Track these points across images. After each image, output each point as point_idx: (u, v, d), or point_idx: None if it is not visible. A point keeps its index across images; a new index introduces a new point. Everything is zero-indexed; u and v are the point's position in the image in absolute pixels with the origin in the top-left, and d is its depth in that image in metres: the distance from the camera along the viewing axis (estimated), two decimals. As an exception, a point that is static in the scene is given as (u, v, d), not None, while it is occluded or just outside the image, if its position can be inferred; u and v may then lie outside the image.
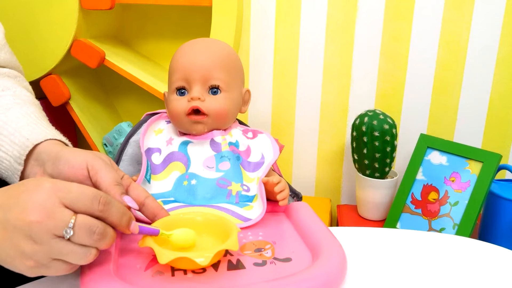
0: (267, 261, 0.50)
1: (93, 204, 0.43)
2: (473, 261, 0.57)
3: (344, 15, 1.28)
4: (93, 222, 0.43)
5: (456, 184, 1.12)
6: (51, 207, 0.41)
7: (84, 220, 0.42)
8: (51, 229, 0.41)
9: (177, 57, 0.67)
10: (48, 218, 0.41)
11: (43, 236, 0.41)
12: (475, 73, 1.26)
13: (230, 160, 0.64)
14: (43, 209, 0.41)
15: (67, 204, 0.42)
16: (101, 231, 0.43)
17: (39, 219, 0.41)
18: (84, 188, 0.44)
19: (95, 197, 0.43)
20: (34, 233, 0.41)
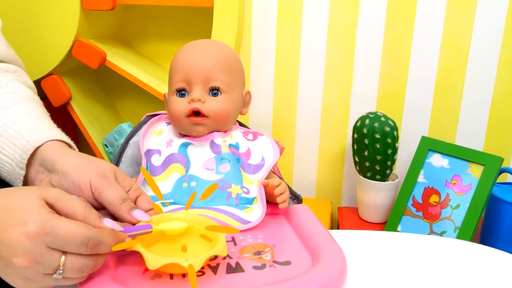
0: (266, 264, 0.50)
1: (81, 249, 0.42)
2: (474, 265, 0.57)
3: (346, 17, 1.27)
4: (82, 262, 0.43)
5: (457, 187, 1.11)
6: (37, 254, 0.41)
7: (73, 262, 0.42)
8: (41, 271, 0.42)
9: (178, 59, 0.66)
10: (37, 263, 0.41)
11: (35, 276, 0.42)
12: (477, 76, 1.25)
13: (230, 162, 0.64)
14: (30, 256, 0.41)
15: (55, 248, 0.42)
16: (92, 267, 0.44)
17: (28, 264, 0.41)
18: (72, 230, 0.42)
19: (83, 243, 0.42)
20: (26, 274, 0.42)
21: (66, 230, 0.42)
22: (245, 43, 1.33)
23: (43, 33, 1.16)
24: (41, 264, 0.41)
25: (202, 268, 0.48)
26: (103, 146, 1.31)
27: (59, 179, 0.51)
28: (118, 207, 0.49)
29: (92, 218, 0.45)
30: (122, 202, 0.50)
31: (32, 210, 0.42)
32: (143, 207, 0.52)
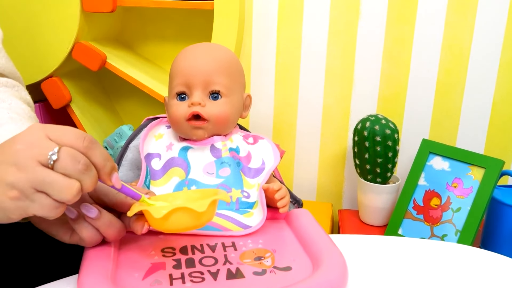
0: (267, 270, 0.49)
1: (77, 140, 0.43)
2: (475, 270, 0.57)
3: (346, 18, 1.27)
4: (77, 153, 0.43)
5: (458, 190, 1.11)
6: (36, 138, 0.42)
7: (68, 150, 0.42)
8: (35, 155, 0.41)
9: (178, 62, 0.66)
10: (33, 146, 0.42)
11: (27, 162, 0.41)
12: (477, 78, 1.25)
13: (230, 166, 0.64)
14: (28, 140, 0.42)
15: (52, 138, 0.43)
16: (86, 162, 0.43)
17: (24, 147, 0.41)
18: (71, 128, 0.44)
19: (81, 135, 0.43)
20: (19, 160, 0.41)
21: (65, 128, 0.44)
22: (246, 45, 1.33)
23: (44, 35, 1.16)
24: (37, 147, 0.41)
25: (201, 274, 0.48)
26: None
27: None
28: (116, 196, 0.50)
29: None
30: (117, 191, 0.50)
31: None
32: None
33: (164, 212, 0.45)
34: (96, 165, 0.44)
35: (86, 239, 0.49)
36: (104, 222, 0.48)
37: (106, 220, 0.49)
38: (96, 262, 0.47)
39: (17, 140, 0.42)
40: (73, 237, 0.50)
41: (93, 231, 0.48)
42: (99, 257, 0.48)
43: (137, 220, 0.50)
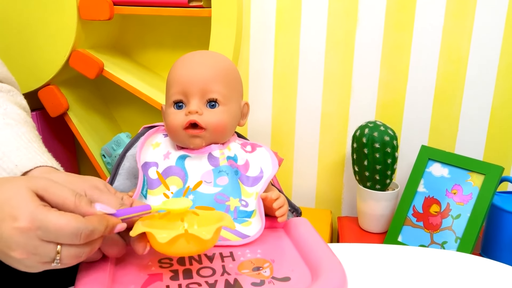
0: (265, 280, 0.49)
1: (74, 240, 0.43)
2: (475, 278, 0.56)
3: (345, 26, 1.27)
4: (78, 251, 0.44)
5: (458, 197, 1.10)
6: (32, 247, 0.42)
7: (69, 251, 0.43)
8: (39, 260, 0.43)
9: (175, 70, 0.66)
10: (33, 255, 0.42)
11: (34, 265, 0.43)
12: (476, 84, 1.25)
13: (228, 174, 0.63)
14: (25, 249, 0.42)
15: (48, 240, 0.42)
16: (88, 252, 0.45)
17: (25, 256, 0.42)
18: (62, 224, 0.42)
19: (76, 234, 0.43)
20: (25, 263, 0.43)
21: (56, 223, 0.42)
22: (244, 52, 1.33)
23: (40, 43, 1.15)
24: (38, 255, 0.42)
25: (199, 285, 0.47)
26: (101, 157, 1.30)
27: None
28: None
29: (83, 205, 0.45)
30: (120, 206, 0.50)
31: (21, 204, 0.42)
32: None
33: (169, 238, 0.45)
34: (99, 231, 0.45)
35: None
36: (107, 241, 0.48)
37: (109, 238, 0.48)
38: (92, 274, 0.47)
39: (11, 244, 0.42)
40: None
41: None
42: (95, 269, 0.48)
43: (139, 240, 0.49)
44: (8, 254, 0.42)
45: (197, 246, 0.47)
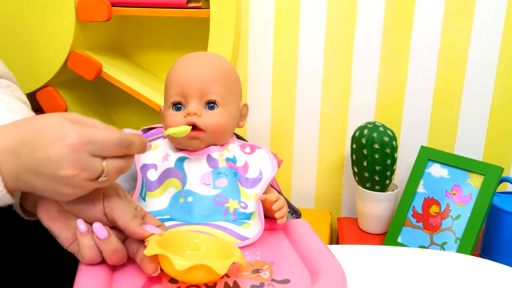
0: (265, 283, 0.49)
1: (117, 150, 0.47)
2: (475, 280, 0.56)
3: (343, 27, 1.27)
4: (120, 163, 0.48)
5: (457, 197, 1.10)
6: (83, 162, 0.44)
7: (113, 165, 0.47)
8: (87, 177, 0.45)
9: (173, 72, 0.66)
10: (83, 170, 0.45)
11: (80, 183, 0.45)
12: (475, 85, 1.25)
13: (227, 176, 0.63)
14: (76, 165, 0.44)
15: (96, 154, 0.45)
16: (127, 168, 0.49)
17: (75, 173, 0.44)
18: (108, 135, 0.46)
19: (119, 144, 0.47)
20: (73, 182, 0.45)
21: (101, 135, 0.46)
22: (242, 53, 1.33)
23: (38, 44, 1.15)
24: (87, 170, 0.45)
25: (198, 288, 0.47)
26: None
27: None
28: (130, 221, 0.49)
29: (114, 129, 0.48)
30: (134, 217, 0.50)
31: (64, 126, 0.45)
32: (151, 223, 0.52)
33: (186, 266, 0.44)
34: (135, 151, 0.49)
35: (86, 257, 0.48)
36: (110, 247, 0.48)
37: (113, 245, 0.48)
38: (91, 276, 0.46)
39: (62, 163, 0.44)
40: (73, 247, 0.49)
41: (96, 252, 0.48)
42: (93, 272, 0.47)
43: (150, 260, 0.48)
44: (57, 174, 0.44)
45: (208, 277, 0.47)
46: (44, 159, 0.44)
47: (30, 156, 0.44)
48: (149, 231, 0.49)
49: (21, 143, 0.45)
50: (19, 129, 0.46)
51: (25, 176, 0.45)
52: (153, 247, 0.46)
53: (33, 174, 0.44)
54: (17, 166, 0.44)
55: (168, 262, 0.45)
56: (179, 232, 0.53)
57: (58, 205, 0.49)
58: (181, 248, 0.51)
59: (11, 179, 0.45)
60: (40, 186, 0.45)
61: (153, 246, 0.46)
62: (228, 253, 0.49)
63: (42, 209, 0.49)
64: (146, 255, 0.46)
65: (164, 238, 0.50)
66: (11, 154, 0.44)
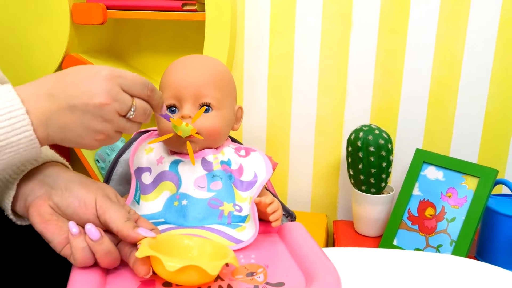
0: (259, 286, 0.48)
1: (143, 90, 0.51)
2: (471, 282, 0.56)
3: (339, 30, 1.27)
4: (146, 105, 0.52)
5: (452, 200, 1.10)
6: (115, 92, 0.48)
7: (141, 104, 0.51)
8: (117, 109, 0.49)
9: (168, 75, 0.65)
10: (114, 101, 0.48)
11: (111, 115, 0.49)
12: (470, 88, 1.25)
13: (222, 179, 0.63)
14: (108, 94, 0.48)
15: (125, 89, 0.49)
16: (150, 112, 0.53)
17: (107, 101, 0.48)
18: (135, 75, 0.51)
19: (145, 84, 0.52)
20: (104, 113, 0.48)
21: (131, 75, 0.51)
22: (238, 56, 1.33)
23: (33, 48, 1.15)
24: (118, 102, 0.48)
25: (193, 292, 0.47)
26: (95, 162, 1.30)
27: (62, 194, 0.51)
28: (123, 224, 0.49)
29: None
30: (127, 220, 0.50)
31: (96, 66, 0.50)
32: (144, 226, 0.52)
33: (177, 267, 0.44)
34: (153, 105, 0.54)
35: (78, 259, 0.47)
36: (103, 249, 0.48)
37: (106, 247, 0.48)
38: (84, 280, 0.46)
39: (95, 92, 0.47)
40: (65, 251, 0.49)
41: (88, 254, 0.47)
42: (87, 275, 0.47)
43: (142, 263, 0.48)
44: (91, 103, 0.47)
45: (201, 279, 0.46)
46: (78, 92, 0.47)
47: (64, 92, 0.47)
48: (142, 234, 0.49)
49: (55, 83, 0.48)
50: (51, 76, 0.49)
51: (58, 116, 0.47)
52: (145, 249, 0.46)
53: (67, 110, 0.47)
54: (50, 107, 0.47)
55: (160, 264, 0.45)
56: (172, 236, 0.53)
57: (49, 208, 0.49)
58: (174, 251, 0.50)
59: (42, 123, 0.47)
60: (71, 125, 0.48)
61: (145, 248, 0.46)
62: (221, 255, 0.49)
63: (34, 212, 0.49)
64: (137, 257, 0.46)
65: (157, 241, 0.50)
66: (46, 96, 0.47)
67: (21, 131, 0.46)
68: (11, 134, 0.45)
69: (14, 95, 0.46)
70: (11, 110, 0.45)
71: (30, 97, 0.47)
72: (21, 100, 0.46)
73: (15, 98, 0.46)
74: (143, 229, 0.50)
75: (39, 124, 0.47)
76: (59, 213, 0.50)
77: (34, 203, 0.49)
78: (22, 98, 0.46)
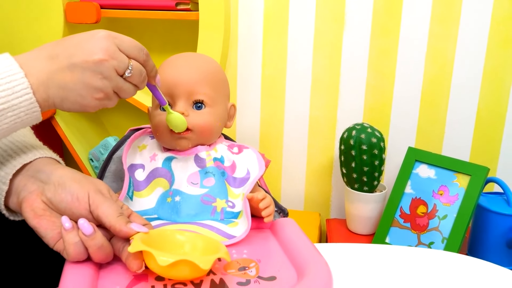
0: (251, 280, 0.49)
1: (139, 53, 0.53)
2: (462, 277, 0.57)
3: (332, 30, 1.28)
4: (142, 67, 0.53)
5: (444, 198, 1.11)
6: (112, 50, 0.50)
7: (137, 64, 0.53)
8: (115, 67, 0.50)
9: (161, 72, 0.66)
10: (112, 58, 0.50)
11: (110, 72, 0.50)
12: (462, 87, 1.26)
13: (215, 176, 0.63)
14: (107, 51, 0.49)
15: (122, 50, 0.51)
16: (145, 75, 0.54)
17: (106, 57, 0.49)
18: (131, 39, 0.53)
19: (141, 49, 0.53)
20: (103, 70, 0.49)
21: (128, 38, 0.52)
22: (232, 56, 1.33)
23: (27, 46, 1.15)
24: (116, 60, 0.50)
25: (184, 285, 0.47)
26: (89, 161, 1.30)
27: (55, 190, 0.51)
28: (116, 219, 0.50)
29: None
30: (119, 215, 0.50)
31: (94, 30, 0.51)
32: (137, 222, 0.52)
33: (169, 262, 0.44)
34: (148, 71, 0.55)
35: (71, 254, 0.48)
36: (96, 243, 0.48)
37: (98, 241, 0.48)
38: (77, 275, 0.46)
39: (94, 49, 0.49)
40: (58, 245, 0.49)
41: (81, 248, 0.48)
42: (80, 269, 0.47)
43: (134, 257, 0.48)
44: (90, 60, 0.48)
45: (193, 273, 0.47)
46: (77, 51, 0.49)
47: (64, 52, 0.49)
48: (135, 229, 0.49)
49: (54, 46, 0.50)
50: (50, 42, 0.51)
51: (58, 75, 0.48)
52: (137, 244, 0.46)
53: (66, 69, 0.48)
54: (50, 68, 0.48)
55: (153, 259, 0.45)
56: (164, 231, 0.54)
57: (42, 203, 0.49)
58: (167, 246, 0.51)
59: (43, 84, 0.48)
60: (71, 83, 0.49)
61: (137, 243, 0.46)
62: (213, 250, 0.50)
63: (27, 207, 0.49)
64: (130, 252, 0.46)
65: (149, 236, 0.50)
66: (46, 58, 0.49)
67: (21, 94, 0.47)
68: (11, 97, 0.46)
69: (12, 61, 0.47)
70: (10, 74, 0.46)
71: (29, 61, 0.48)
72: (19, 65, 0.47)
73: (13, 63, 0.47)
74: (135, 224, 0.50)
75: (39, 85, 0.48)
76: (52, 208, 0.50)
77: (27, 199, 0.49)
78: (20, 63, 0.48)
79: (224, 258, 0.48)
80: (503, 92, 1.25)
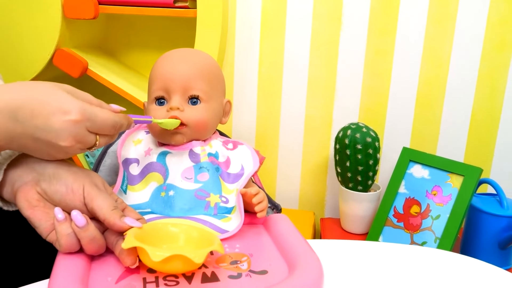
0: (242, 273, 0.49)
1: (111, 131, 0.52)
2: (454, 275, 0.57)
3: (329, 30, 1.29)
4: (108, 140, 0.53)
5: (437, 198, 1.12)
6: (81, 136, 0.49)
7: (104, 140, 0.53)
8: (81, 147, 0.51)
9: (157, 67, 0.66)
10: (79, 143, 0.50)
11: (74, 152, 0.51)
12: (457, 89, 1.27)
13: (209, 171, 0.64)
14: (75, 138, 0.49)
15: (92, 130, 0.50)
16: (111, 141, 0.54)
17: (72, 144, 0.49)
18: (106, 117, 0.51)
19: (113, 126, 0.52)
20: (67, 151, 0.50)
21: (101, 117, 0.51)
22: (229, 54, 1.34)
23: (24, 41, 1.15)
24: (82, 143, 0.50)
25: (176, 278, 0.47)
26: (84, 156, 1.30)
27: (50, 181, 0.51)
28: (110, 213, 0.50)
29: (105, 105, 0.54)
30: (114, 208, 0.50)
31: (68, 100, 0.48)
32: (131, 216, 0.53)
33: (162, 257, 0.45)
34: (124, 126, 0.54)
35: (63, 245, 0.48)
36: (88, 235, 0.48)
37: (91, 233, 0.48)
38: (68, 266, 0.47)
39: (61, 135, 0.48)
40: (51, 236, 0.49)
41: (73, 240, 0.48)
42: (71, 261, 0.48)
43: (128, 253, 0.48)
44: (56, 143, 0.48)
45: (186, 267, 0.47)
46: (44, 127, 0.47)
47: (30, 121, 0.47)
48: (129, 224, 0.50)
49: (20, 106, 0.46)
50: (18, 91, 0.47)
51: (21, 139, 0.47)
52: (131, 240, 0.46)
53: (30, 139, 0.47)
54: (14, 128, 0.47)
55: (146, 253, 0.45)
56: (158, 225, 0.54)
57: (37, 194, 0.50)
58: (161, 239, 0.51)
59: (6, 139, 0.47)
60: (33, 149, 0.49)
61: (130, 239, 0.47)
62: (207, 242, 0.50)
63: (21, 198, 0.49)
64: (123, 248, 0.47)
65: (143, 231, 0.50)
66: (9, 115, 0.46)
67: None
68: None
69: None
70: None
71: None
72: None
73: None
74: (129, 219, 0.50)
75: (2, 138, 0.47)
76: (46, 199, 0.50)
77: (22, 189, 0.50)
78: None
79: (218, 250, 0.48)
80: (497, 94, 1.26)
